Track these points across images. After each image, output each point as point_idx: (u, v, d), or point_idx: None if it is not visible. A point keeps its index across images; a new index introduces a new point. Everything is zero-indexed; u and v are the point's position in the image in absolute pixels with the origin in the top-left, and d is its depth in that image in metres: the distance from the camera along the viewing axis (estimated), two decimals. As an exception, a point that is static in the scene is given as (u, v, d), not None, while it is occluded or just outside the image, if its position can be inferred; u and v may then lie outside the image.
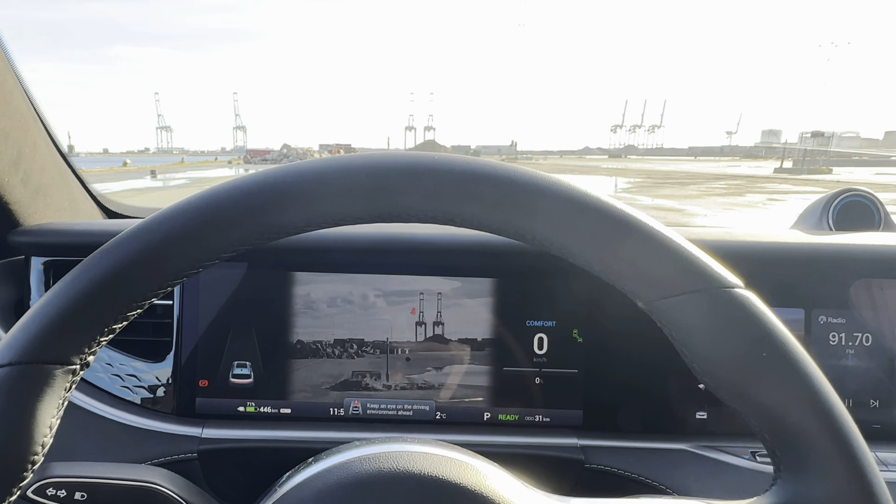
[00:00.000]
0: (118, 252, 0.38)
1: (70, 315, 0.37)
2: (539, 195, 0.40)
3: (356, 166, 0.39)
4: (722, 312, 0.40)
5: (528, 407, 0.83)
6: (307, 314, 0.83)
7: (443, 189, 0.40)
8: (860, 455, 0.38)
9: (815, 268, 0.82)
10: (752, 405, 0.40)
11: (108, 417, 0.80)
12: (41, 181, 0.90)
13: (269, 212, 0.39)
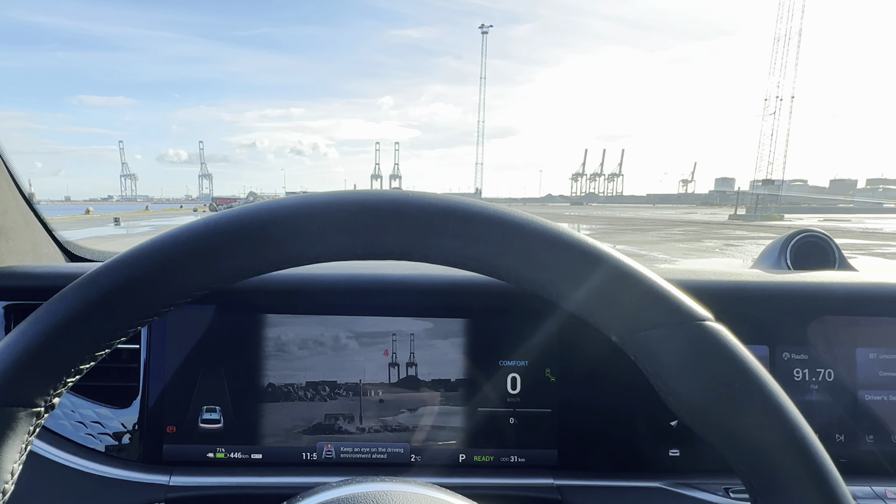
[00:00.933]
0: (82, 293, 0.37)
1: (34, 356, 0.36)
2: (513, 232, 0.41)
3: (293, 209, 0.39)
4: (694, 345, 0.41)
5: (503, 447, 0.82)
6: (278, 356, 0.82)
7: (419, 226, 0.41)
8: (837, 490, 0.40)
9: (776, 305, 0.85)
10: (727, 438, 0.41)
11: (72, 466, 0.77)
12: (3, 224, 0.89)
13: (224, 254, 0.39)
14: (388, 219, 0.40)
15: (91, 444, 0.80)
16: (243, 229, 0.39)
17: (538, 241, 0.41)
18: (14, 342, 0.36)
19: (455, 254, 0.41)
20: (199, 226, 0.39)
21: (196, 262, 0.38)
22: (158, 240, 0.39)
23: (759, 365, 0.41)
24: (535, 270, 0.41)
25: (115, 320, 0.37)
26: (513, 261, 0.41)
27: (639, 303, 0.41)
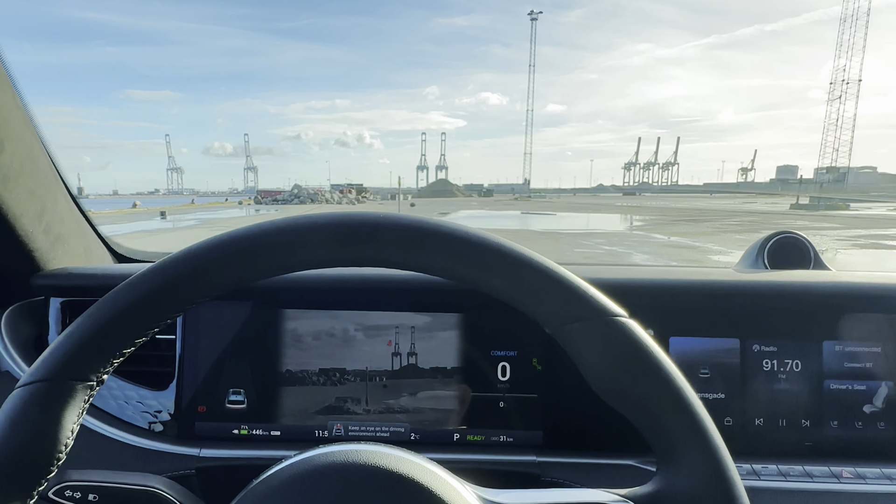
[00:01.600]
0: (128, 293, 0.49)
1: (89, 342, 0.47)
2: (463, 244, 0.51)
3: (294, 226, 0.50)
4: (607, 336, 0.50)
5: (493, 428, 0.92)
6: (295, 346, 0.93)
7: (402, 241, 0.51)
8: (719, 454, 0.48)
9: (747, 301, 0.92)
10: (635, 411, 0.50)
11: (117, 439, 0.89)
12: (60, 231, 1.02)
13: (233, 264, 0.50)
14: (364, 235, 0.50)
15: (134, 420, 0.93)
16: (247, 242, 0.50)
17: (482, 251, 0.50)
18: (74, 331, 0.47)
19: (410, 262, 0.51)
20: (218, 239, 0.50)
21: (214, 269, 0.49)
22: (189, 249, 0.50)
23: (661, 352, 0.50)
24: (481, 276, 0.51)
25: (153, 313, 0.49)
26: (463, 267, 0.51)
27: (562, 301, 0.50)
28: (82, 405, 0.48)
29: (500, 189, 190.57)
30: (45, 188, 0.96)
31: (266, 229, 0.51)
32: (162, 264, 0.49)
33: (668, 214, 33.26)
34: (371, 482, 0.48)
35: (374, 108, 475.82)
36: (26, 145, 0.89)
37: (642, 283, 0.93)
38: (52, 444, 0.46)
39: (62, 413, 0.46)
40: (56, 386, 0.46)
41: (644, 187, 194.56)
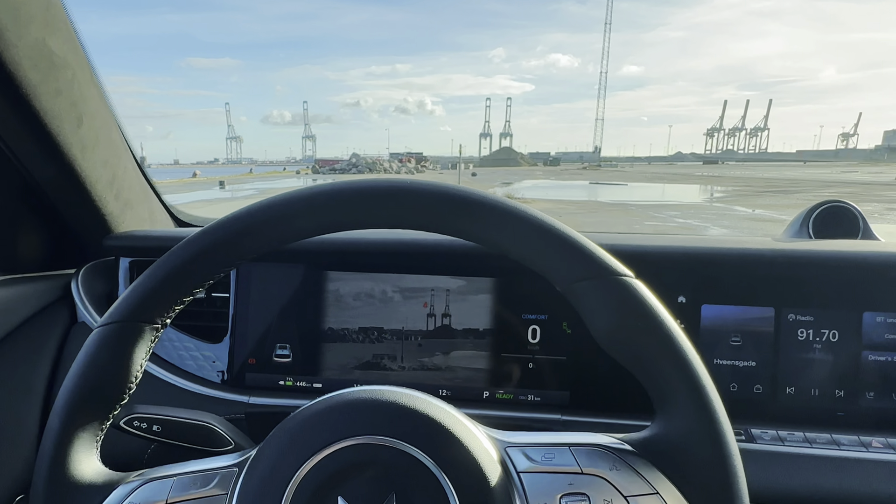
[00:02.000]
0: (188, 248, 0.55)
1: (155, 291, 0.55)
2: (478, 207, 0.54)
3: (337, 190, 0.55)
4: (613, 294, 0.53)
5: (522, 387, 0.95)
6: (337, 306, 0.99)
7: (406, 203, 0.55)
8: (711, 405, 0.50)
9: (785, 270, 0.90)
10: (637, 364, 0.53)
11: (178, 385, 0.98)
12: (128, 197, 1.11)
13: (278, 223, 0.55)
14: (382, 198, 0.55)
15: (192, 370, 1.01)
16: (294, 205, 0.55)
17: (493, 213, 0.54)
18: (142, 281, 0.55)
19: (447, 226, 0.56)
20: (263, 203, 0.56)
21: (264, 228, 0.55)
22: (240, 211, 0.56)
23: (663, 310, 0.53)
24: (497, 237, 0.55)
25: (208, 267, 0.56)
26: (481, 229, 0.55)
27: (574, 261, 0.53)
28: (149, 344, 0.56)
29: (568, 157, 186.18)
30: (116, 158, 1.05)
31: (292, 198, 0.56)
32: (215, 225, 0.56)
33: (754, 185, 31.53)
34: (387, 415, 0.53)
35: (436, 72, 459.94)
36: (101, 119, 0.97)
37: (675, 250, 0.93)
38: (125, 376, 0.54)
39: (133, 350, 0.54)
40: (128, 326, 0.54)
41: (728, 155, 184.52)
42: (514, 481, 0.52)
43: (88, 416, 0.54)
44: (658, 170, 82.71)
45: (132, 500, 0.53)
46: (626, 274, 0.53)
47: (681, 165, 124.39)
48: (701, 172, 55.94)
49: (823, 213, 1.01)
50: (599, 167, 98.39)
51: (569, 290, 0.54)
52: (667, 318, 0.52)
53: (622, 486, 0.50)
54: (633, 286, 0.53)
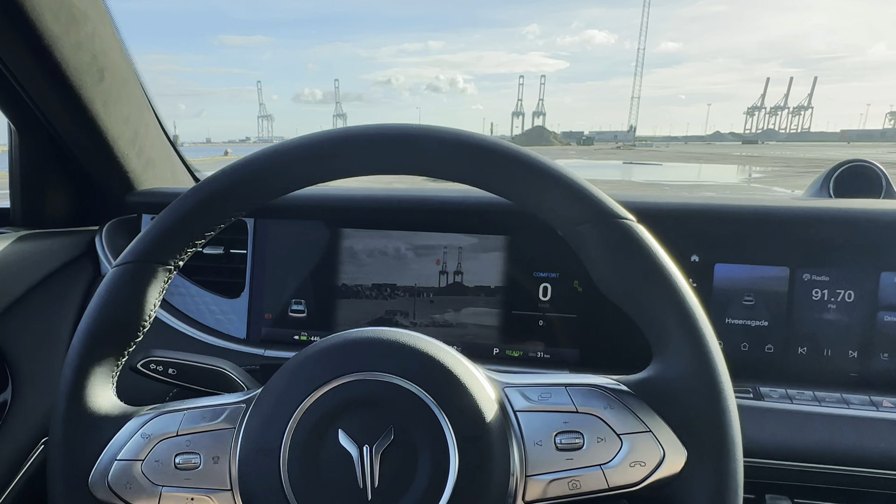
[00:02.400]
0: (198, 193, 0.57)
1: (168, 233, 0.57)
2: (474, 149, 0.55)
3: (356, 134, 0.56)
4: (614, 237, 0.53)
5: (532, 345, 0.96)
6: (351, 262, 1.00)
7: (412, 147, 0.55)
8: (706, 347, 0.51)
9: (801, 229, 0.89)
10: (635, 307, 0.54)
11: (196, 338, 1.01)
12: (151, 155, 1.13)
13: (291, 168, 0.57)
14: (394, 144, 0.56)
15: (210, 323, 1.04)
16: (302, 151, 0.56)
17: (497, 157, 0.54)
18: (156, 224, 0.57)
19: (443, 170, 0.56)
20: (280, 147, 0.57)
21: (278, 172, 0.57)
22: (255, 155, 0.58)
23: (663, 253, 0.53)
24: (495, 179, 0.55)
25: (222, 210, 0.58)
26: (480, 173, 0.55)
27: (575, 204, 0.54)
28: (163, 285, 0.58)
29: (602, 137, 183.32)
30: (138, 115, 1.07)
31: (292, 146, 0.57)
32: (228, 169, 0.58)
33: (795, 165, 30.70)
34: (387, 352, 0.54)
35: (468, 49, 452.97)
36: (123, 75, 0.99)
37: (688, 207, 0.92)
38: (138, 314, 0.57)
39: (146, 289, 0.56)
40: (142, 267, 0.56)
41: (768, 135, 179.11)
42: (511, 420, 0.53)
43: (104, 351, 0.57)
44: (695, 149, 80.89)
45: (145, 431, 0.56)
46: (628, 217, 0.53)
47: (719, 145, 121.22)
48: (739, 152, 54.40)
49: (845, 173, 0.99)
50: (634, 147, 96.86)
51: (570, 234, 0.55)
52: (666, 262, 0.52)
53: (615, 424, 0.51)
54: (633, 229, 0.53)
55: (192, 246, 0.58)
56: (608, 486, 0.50)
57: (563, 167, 0.54)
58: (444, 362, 0.53)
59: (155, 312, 0.58)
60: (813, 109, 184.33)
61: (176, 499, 0.54)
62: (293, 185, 0.58)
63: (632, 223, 0.53)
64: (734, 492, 0.48)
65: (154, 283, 0.57)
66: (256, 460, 0.52)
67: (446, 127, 0.55)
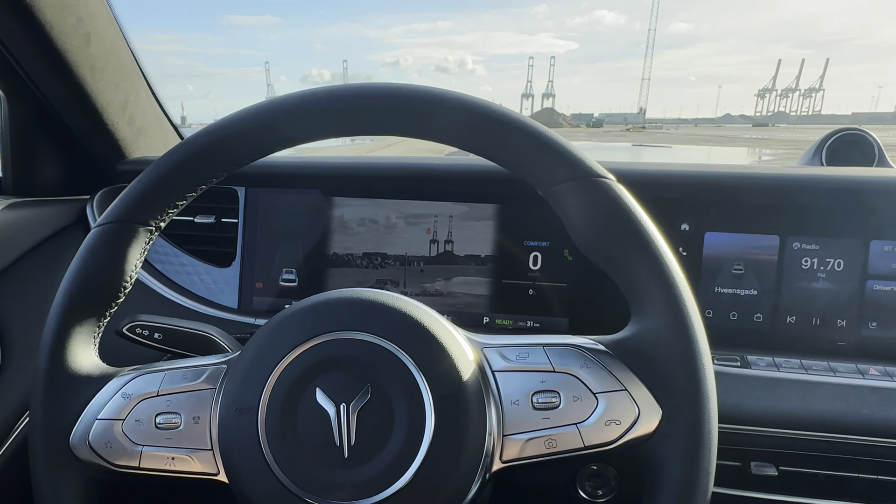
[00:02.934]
0: (178, 153, 0.57)
1: (149, 193, 0.57)
2: (455, 107, 0.54)
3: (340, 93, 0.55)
4: (593, 196, 0.53)
5: (522, 314, 0.96)
6: (341, 231, 1.00)
7: (380, 106, 0.55)
8: (682, 305, 0.50)
9: (792, 197, 0.89)
10: (614, 267, 0.53)
11: (188, 307, 1.01)
12: (142, 124, 1.13)
13: (272, 128, 0.56)
14: (371, 101, 0.55)
15: (201, 293, 1.04)
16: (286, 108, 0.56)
17: (478, 116, 0.54)
18: (135, 184, 0.57)
19: (413, 129, 0.56)
20: (251, 109, 0.57)
21: (259, 131, 0.56)
22: (238, 114, 0.57)
23: (640, 212, 0.52)
24: (474, 139, 0.55)
25: (203, 170, 0.58)
26: (458, 132, 0.55)
27: (555, 164, 0.54)
28: (144, 246, 0.58)
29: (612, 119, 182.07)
30: (128, 82, 1.06)
31: (275, 105, 0.57)
32: (210, 128, 0.57)
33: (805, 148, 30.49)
34: (364, 312, 0.54)
35: (477, 30, 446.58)
36: (110, 40, 0.98)
37: (678, 175, 0.91)
38: (119, 275, 0.57)
39: (127, 249, 0.56)
40: (123, 227, 0.56)
41: (779, 117, 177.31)
42: (489, 380, 0.53)
43: (85, 311, 0.57)
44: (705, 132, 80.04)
45: (126, 391, 0.56)
46: (606, 176, 0.53)
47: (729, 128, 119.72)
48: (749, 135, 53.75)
49: (838, 142, 0.98)
50: (644, 129, 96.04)
51: (550, 194, 0.54)
52: (644, 220, 0.52)
53: (591, 383, 0.51)
54: (612, 188, 0.53)
55: (174, 207, 0.58)
56: (584, 445, 0.51)
57: (542, 126, 0.54)
58: (421, 321, 0.54)
59: (136, 273, 0.59)
60: (824, 92, 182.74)
61: (156, 458, 0.55)
62: (277, 144, 0.58)
63: (610, 182, 0.53)
64: (708, 450, 0.48)
65: (135, 244, 0.57)
66: (235, 419, 0.52)
67: (425, 85, 0.55)
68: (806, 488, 0.80)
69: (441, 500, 0.50)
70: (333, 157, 1.04)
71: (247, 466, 0.51)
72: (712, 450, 0.49)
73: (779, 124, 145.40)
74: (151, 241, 0.59)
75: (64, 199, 1.09)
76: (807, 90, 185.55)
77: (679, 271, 0.51)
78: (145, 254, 0.59)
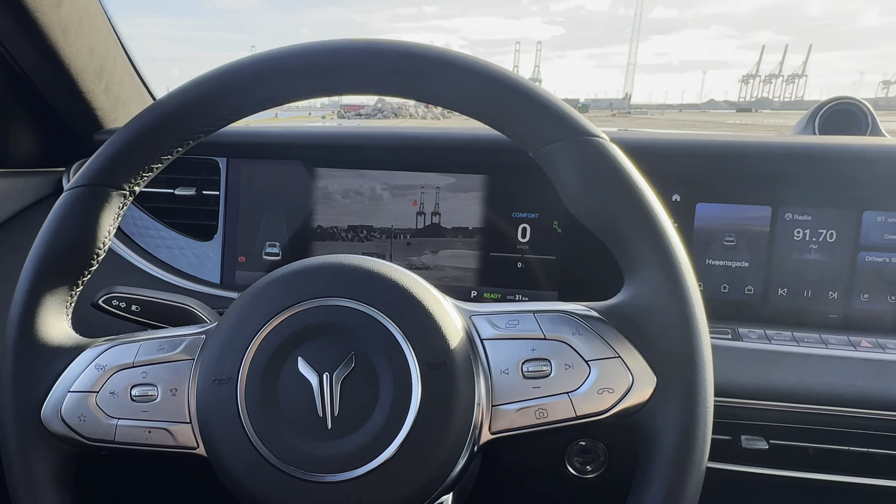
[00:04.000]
0: (151, 114, 0.54)
1: (121, 155, 0.54)
2: (441, 64, 0.52)
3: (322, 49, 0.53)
4: (585, 156, 0.51)
5: (510, 287, 0.94)
6: (325, 204, 0.98)
7: (365, 63, 0.53)
8: (678, 269, 0.49)
9: (784, 167, 0.87)
10: (606, 229, 0.51)
11: (169, 281, 0.98)
12: (120, 93, 1.09)
13: (249, 88, 0.54)
14: (352, 58, 0.53)
15: (182, 267, 1.01)
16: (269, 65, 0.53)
17: (465, 72, 0.52)
18: (109, 144, 0.54)
19: (389, 86, 0.53)
20: (235, 65, 0.54)
21: (236, 91, 0.54)
22: (213, 72, 0.55)
23: (634, 171, 0.50)
24: (457, 94, 0.52)
25: (178, 131, 0.55)
26: (441, 88, 0.52)
27: (545, 122, 0.51)
28: (117, 211, 0.55)
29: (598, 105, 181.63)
30: (103, 48, 1.02)
31: (251, 62, 0.54)
32: (184, 87, 0.55)
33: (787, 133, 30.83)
34: (347, 278, 0.52)
35: (463, 14, 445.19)
36: (83, 2, 0.94)
37: (670, 144, 0.90)
38: (91, 240, 0.54)
39: (99, 214, 0.54)
40: (93, 190, 0.53)
41: (762, 103, 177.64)
42: (478, 348, 0.52)
43: (56, 279, 0.54)
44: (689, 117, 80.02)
45: (99, 363, 0.54)
46: (600, 135, 0.51)
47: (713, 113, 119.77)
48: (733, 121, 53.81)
49: (831, 111, 0.97)
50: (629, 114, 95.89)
51: (540, 154, 0.52)
52: (639, 181, 0.50)
53: (583, 350, 0.50)
54: (606, 147, 0.51)
55: (150, 170, 0.56)
56: (576, 415, 0.49)
57: (532, 83, 0.52)
58: (407, 287, 0.52)
59: (110, 240, 0.56)
60: (807, 78, 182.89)
61: (132, 432, 0.53)
62: (255, 105, 0.55)
63: (604, 141, 0.51)
64: (704, 418, 0.47)
65: (107, 209, 0.54)
66: (213, 390, 0.50)
67: (410, 41, 0.52)
68: (796, 462, 0.80)
69: (427, 472, 0.48)
70: (317, 126, 1.02)
71: (226, 438, 0.49)
72: (708, 418, 0.47)
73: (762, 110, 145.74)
74: (125, 206, 0.56)
75: (40, 170, 1.06)
76: (790, 76, 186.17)
77: (674, 234, 0.49)
78: (119, 220, 0.56)
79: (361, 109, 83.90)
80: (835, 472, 0.79)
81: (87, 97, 1.01)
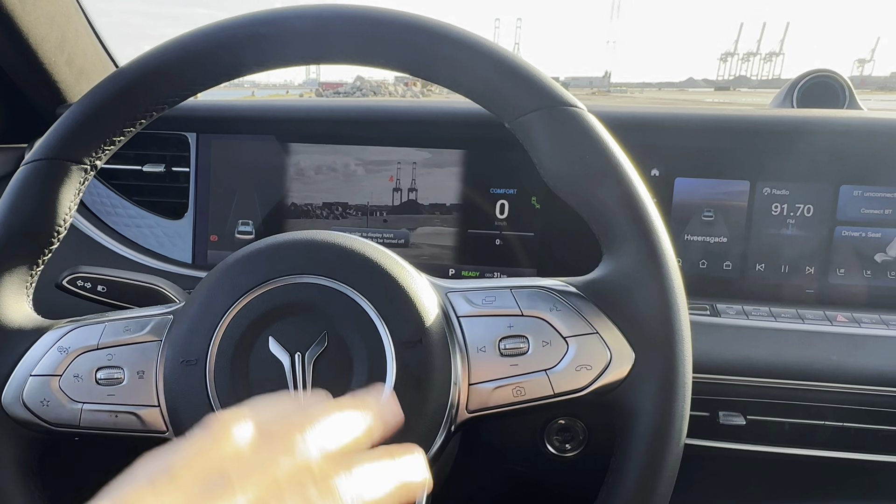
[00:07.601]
0: (112, 83, 0.52)
1: (79, 129, 0.52)
2: (413, 31, 0.50)
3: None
4: (562, 126, 0.49)
5: (488, 265, 0.93)
6: (299, 180, 0.95)
7: (330, 31, 0.51)
8: (657, 240, 0.48)
9: (762, 140, 0.86)
10: (583, 201, 0.50)
11: (139, 262, 0.96)
12: (83, 65, 1.05)
13: (215, 55, 0.52)
14: (315, 25, 0.51)
15: (152, 247, 0.98)
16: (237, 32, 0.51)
17: (431, 38, 0.50)
18: (67, 116, 0.52)
19: (359, 53, 0.51)
20: (204, 31, 0.52)
21: (198, 59, 0.51)
22: (175, 40, 0.52)
23: (612, 142, 0.49)
24: (428, 62, 0.50)
25: (141, 102, 0.52)
26: (412, 55, 0.51)
27: (522, 92, 0.50)
28: (78, 186, 0.53)
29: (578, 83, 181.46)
30: (65, 17, 0.98)
31: (219, 28, 0.52)
32: (149, 53, 0.52)
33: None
34: (318, 254, 0.51)
35: None
36: None
37: (649, 118, 0.89)
38: (51, 217, 0.51)
39: (59, 189, 0.51)
40: (52, 164, 0.51)
41: (741, 81, 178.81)
42: (454, 325, 0.51)
43: (14, 257, 0.52)
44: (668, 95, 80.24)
45: (62, 345, 0.52)
46: (577, 105, 0.50)
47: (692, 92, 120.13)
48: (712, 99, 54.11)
49: (809, 84, 0.96)
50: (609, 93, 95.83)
51: (517, 125, 0.51)
52: (618, 152, 0.49)
53: (561, 326, 0.49)
54: (584, 117, 0.49)
55: (111, 143, 0.53)
56: (553, 392, 0.48)
57: (508, 51, 0.50)
58: (380, 263, 0.50)
59: (71, 217, 0.54)
60: (784, 56, 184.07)
61: (98, 416, 0.51)
62: (222, 74, 0.53)
63: (582, 111, 0.50)
64: (682, 394, 0.47)
65: (67, 184, 0.52)
66: (181, 371, 0.49)
67: (379, 7, 0.50)
68: (773, 437, 0.80)
69: None
70: (289, 100, 0.99)
71: (195, 421, 0.48)
72: (686, 395, 0.47)
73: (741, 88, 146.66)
74: (87, 181, 0.54)
75: (0, 146, 1.02)
76: (767, 54, 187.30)
77: (653, 207, 0.48)
78: (80, 195, 0.54)
79: (340, 87, 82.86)
80: (811, 446, 0.80)
81: (49, 69, 0.97)
